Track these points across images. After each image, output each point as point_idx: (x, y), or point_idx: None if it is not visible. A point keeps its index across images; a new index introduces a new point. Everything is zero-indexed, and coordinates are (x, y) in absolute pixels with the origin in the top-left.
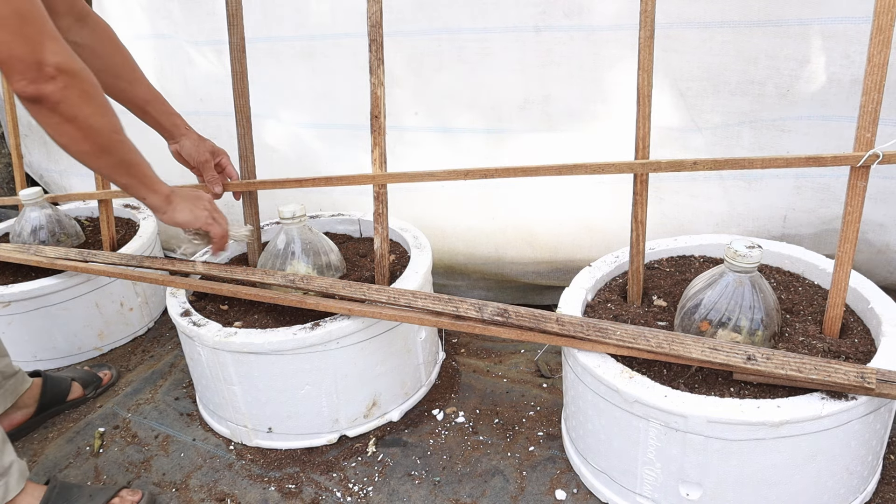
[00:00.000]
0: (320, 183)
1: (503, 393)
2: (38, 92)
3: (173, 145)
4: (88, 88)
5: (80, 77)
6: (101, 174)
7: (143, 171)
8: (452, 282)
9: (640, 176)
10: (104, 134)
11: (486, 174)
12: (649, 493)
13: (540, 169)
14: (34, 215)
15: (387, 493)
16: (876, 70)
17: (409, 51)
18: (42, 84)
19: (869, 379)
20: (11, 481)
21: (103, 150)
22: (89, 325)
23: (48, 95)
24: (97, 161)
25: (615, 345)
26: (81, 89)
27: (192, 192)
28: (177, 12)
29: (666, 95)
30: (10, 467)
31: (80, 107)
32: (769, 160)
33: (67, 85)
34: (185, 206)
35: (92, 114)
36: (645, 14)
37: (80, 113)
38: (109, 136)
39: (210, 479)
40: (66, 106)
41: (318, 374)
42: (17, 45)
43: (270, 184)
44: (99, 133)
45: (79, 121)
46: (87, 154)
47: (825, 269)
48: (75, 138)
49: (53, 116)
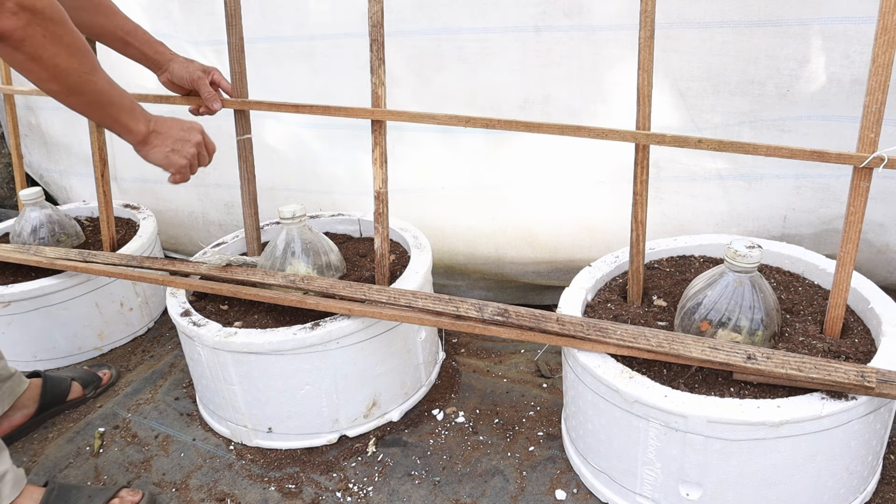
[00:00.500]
0: (317, 111)
1: (503, 393)
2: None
3: (163, 75)
4: (54, 27)
5: (43, 15)
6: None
7: (118, 110)
8: (452, 282)
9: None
10: (72, 74)
11: (488, 124)
12: (649, 493)
13: (543, 126)
14: (34, 215)
15: (387, 493)
16: (880, 70)
17: (408, 51)
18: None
19: (869, 378)
20: (5, 490)
21: (72, 90)
22: (89, 325)
23: (10, 33)
24: (67, 100)
25: (615, 344)
26: (45, 28)
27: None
28: (177, 12)
29: (666, 95)
30: (3, 476)
31: (45, 46)
32: (774, 148)
33: (30, 22)
34: (162, 149)
35: (57, 53)
36: (645, 14)
37: (45, 53)
38: (78, 77)
39: (210, 479)
40: (30, 45)
41: (318, 374)
42: None
43: (266, 105)
44: (66, 73)
45: (44, 60)
46: (55, 93)
47: (825, 269)
48: (42, 78)
49: (17, 55)
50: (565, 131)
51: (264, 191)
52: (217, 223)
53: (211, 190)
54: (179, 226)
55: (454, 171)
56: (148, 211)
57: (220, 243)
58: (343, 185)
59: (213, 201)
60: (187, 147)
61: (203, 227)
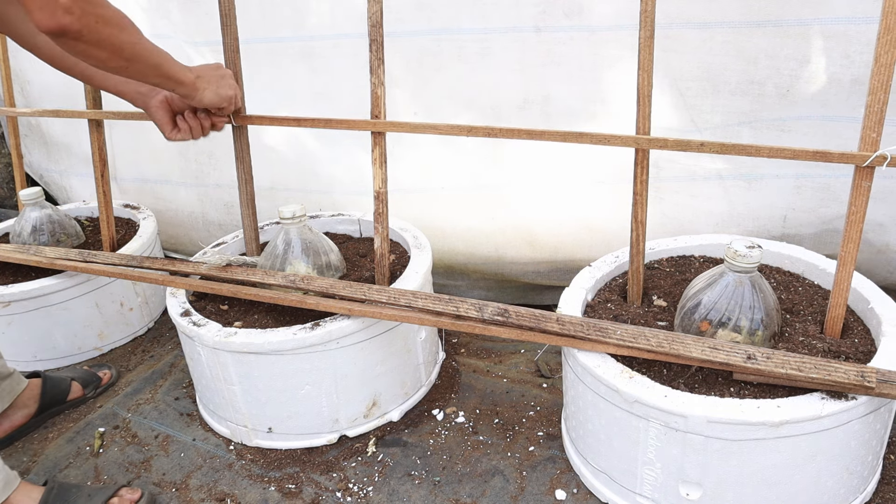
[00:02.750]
0: (319, 124)
1: (503, 393)
2: (59, 25)
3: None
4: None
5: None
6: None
7: (168, 67)
8: (452, 282)
9: (641, 162)
10: (127, 47)
11: (490, 133)
12: (649, 493)
13: (545, 133)
14: (34, 215)
15: (387, 493)
16: (883, 70)
17: (408, 51)
18: (60, 17)
19: (869, 378)
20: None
21: (132, 60)
22: (89, 325)
23: (68, 26)
24: (128, 71)
25: (615, 344)
26: (97, 14)
27: (215, 71)
28: (175, 12)
29: (666, 96)
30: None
31: (101, 30)
32: (777, 150)
33: (84, 12)
34: (212, 88)
35: (112, 32)
36: (645, 14)
37: (102, 35)
38: (133, 48)
39: (210, 479)
40: (89, 32)
41: (318, 374)
42: None
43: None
44: (123, 48)
45: (103, 43)
46: (118, 69)
47: (825, 269)
48: (104, 59)
49: (79, 45)
50: (567, 138)
51: (264, 191)
52: (217, 223)
53: (210, 190)
54: (179, 226)
55: (454, 171)
56: (148, 211)
57: (219, 243)
58: (343, 185)
59: (213, 201)
60: (229, 80)
61: (203, 227)
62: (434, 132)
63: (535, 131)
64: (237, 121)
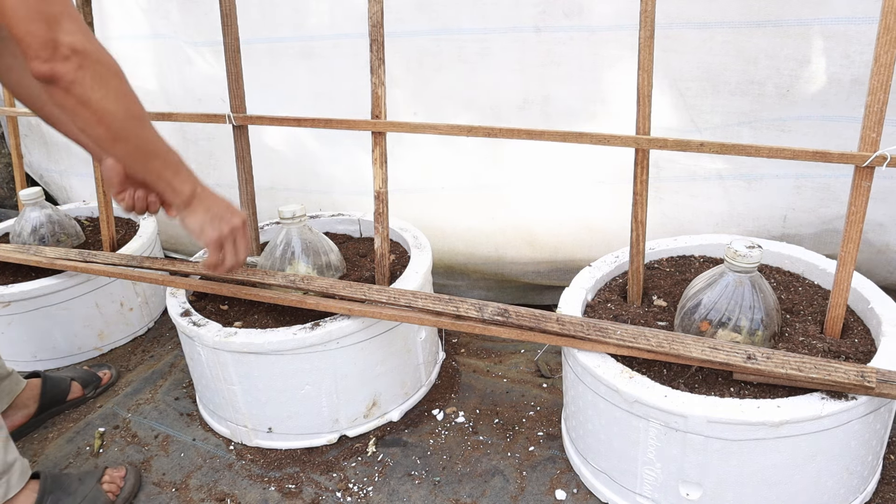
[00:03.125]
0: (319, 124)
1: (503, 393)
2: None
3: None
4: (104, 70)
5: (94, 58)
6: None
7: (163, 166)
8: (452, 282)
9: (641, 162)
10: (119, 118)
11: (490, 133)
12: (649, 493)
13: (545, 133)
14: (34, 215)
15: (387, 493)
16: (882, 70)
17: (408, 51)
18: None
19: (869, 378)
20: (13, 479)
21: (118, 136)
22: (89, 325)
23: (62, 75)
24: (112, 147)
25: (615, 344)
26: (95, 71)
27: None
28: (175, 13)
29: (666, 96)
30: (12, 465)
31: (95, 89)
32: (776, 150)
33: (81, 66)
34: (202, 216)
35: (105, 97)
36: (645, 14)
37: (94, 95)
38: (125, 122)
39: (210, 479)
40: (80, 87)
41: (318, 374)
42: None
43: (268, 120)
44: (113, 117)
45: (92, 103)
46: (101, 139)
47: (825, 269)
48: (90, 122)
49: (68, 98)
50: (567, 138)
51: (264, 191)
52: None
53: None
54: (179, 226)
55: (454, 171)
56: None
57: None
58: (343, 185)
59: None
60: (224, 225)
61: None
62: (434, 132)
63: (534, 131)
64: (238, 121)
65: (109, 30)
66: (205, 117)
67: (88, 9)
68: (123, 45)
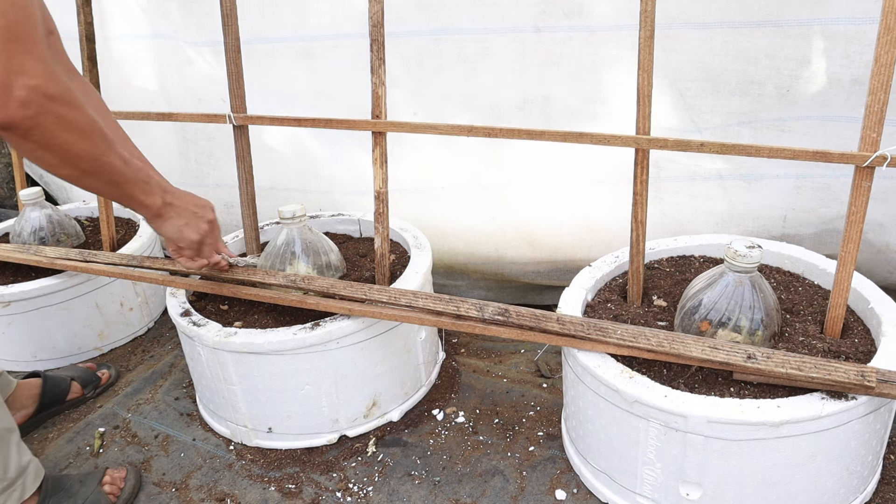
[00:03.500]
0: (319, 124)
1: (503, 393)
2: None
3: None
4: (67, 113)
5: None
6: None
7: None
8: (452, 282)
9: (641, 162)
10: (85, 158)
11: (490, 133)
12: (649, 493)
13: (545, 133)
14: (34, 215)
15: (387, 493)
16: (883, 70)
17: (408, 51)
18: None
19: (869, 378)
20: (28, 481)
21: (86, 173)
22: (89, 325)
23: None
24: (81, 182)
25: (615, 344)
26: (58, 115)
27: (195, 204)
28: (175, 13)
29: (666, 96)
30: (27, 467)
31: (57, 134)
32: (777, 150)
33: (41, 111)
34: (176, 222)
35: (69, 140)
36: (645, 14)
37: (56, 140)
38: (92, 160)
39: (210, 479)
40: (40, 133)
41: (318, 374)
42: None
43: (268, 120)
44: (80, 158)
45: (53, 147)
46: (68, 178)
47: (825, 269)
48: (53, 164)
49: (25, 143)
50: (568, 138)
51: (264, 191)
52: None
53: (211, 190)
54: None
55: (454, 171)
56: None
57: None
58: (343, 185)
59: (213, 201)
60: (201, 223)
61: None
62: (434, 132)
63: (535, 131)
64: (238, 121)
65: (109, 30)
66: (205, 117)
67: (88, 9)
68: (123, 44)
